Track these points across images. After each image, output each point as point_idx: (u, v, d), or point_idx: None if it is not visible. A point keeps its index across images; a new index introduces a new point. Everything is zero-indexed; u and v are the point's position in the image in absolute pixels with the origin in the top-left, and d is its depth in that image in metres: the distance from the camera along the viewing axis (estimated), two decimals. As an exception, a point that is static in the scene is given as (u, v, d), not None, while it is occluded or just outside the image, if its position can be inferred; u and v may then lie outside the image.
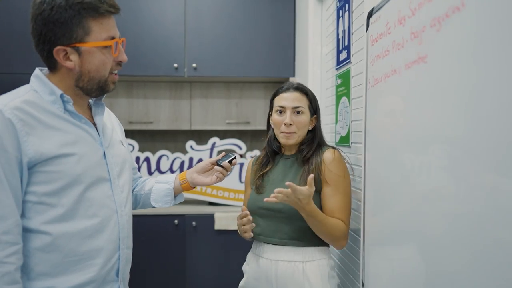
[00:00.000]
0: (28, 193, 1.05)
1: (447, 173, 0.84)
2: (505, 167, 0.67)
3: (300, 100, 1.45)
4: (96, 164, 1.14)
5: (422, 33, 0.89)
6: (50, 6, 1.05)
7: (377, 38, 1.17)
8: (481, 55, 0.72)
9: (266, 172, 1.50)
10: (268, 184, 1.47)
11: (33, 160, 1.03)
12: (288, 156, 1.51)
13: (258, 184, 1.48)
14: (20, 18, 2.57)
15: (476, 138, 0.74)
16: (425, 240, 0.94)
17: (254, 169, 1.56)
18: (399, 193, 1.09)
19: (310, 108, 1.47)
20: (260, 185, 1.48)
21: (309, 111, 1.47)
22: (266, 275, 1.39)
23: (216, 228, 2.63)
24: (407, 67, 0.97)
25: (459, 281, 0.81)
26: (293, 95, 1.46)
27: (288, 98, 1.46)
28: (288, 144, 1.47)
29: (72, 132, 1.11)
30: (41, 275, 1.06)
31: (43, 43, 1.08)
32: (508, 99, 0.65)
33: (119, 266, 1.18)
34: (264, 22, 2.75)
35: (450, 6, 0.79)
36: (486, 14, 0.70)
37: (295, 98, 1.45)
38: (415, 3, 0.93)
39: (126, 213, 1.22)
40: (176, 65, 2.68)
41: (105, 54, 1.11)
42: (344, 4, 1.78)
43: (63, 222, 1.07)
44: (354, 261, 1.54)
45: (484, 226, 0.73)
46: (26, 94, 1.10)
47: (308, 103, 1.47)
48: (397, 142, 1.09)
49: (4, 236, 0.99)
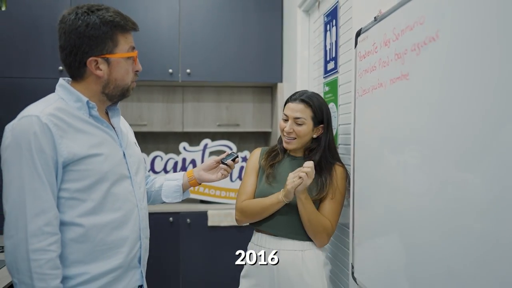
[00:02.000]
0: (61, 190, 1.17)
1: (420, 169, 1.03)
2: (467, 164, 0.86)
3: (302, 111, 1.60)
4: (118, 163, 1.28)
5: (405, 55, 1.09)
6: (85, 23, 1.19)
7: (365, 55, 1.36)
8: (450, 77, 0.91)
9: (274, 164, 1.66)
10: (276, 180, 1.62)
11: (67, 160, 1.16)
12: (295, 157, 1.68)
13: (269, 173, 1.63)
14: (19, 25, 2.65)
15: (445, 140, 0.93)
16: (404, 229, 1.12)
17: (265, 157, 1.70)
18: (381, 188, 1.27)
19: (313, 119, 1.61)
20: (270, 174, 1.63)
21: (312, 121, 1.61)
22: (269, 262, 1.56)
23: (209, 225, 2.79)
24: (392, 82, 1.16)
25: (432, 263, 0.99)
26: (297, 106, 1.61)
27: (292, 108, 1.62)
28: (288, 149, 1.65)
29: (97, 134, 1.25)
30: (75, 262, 1.19)
31: (76, 54, 1.21)
32: (469, 110, 0.84)
33: (140, 253, 1.33)
34: (253, 30, 2.91)
35: (427, 36, 0.98)
36: (455, 44, 0.89)
37: (298, 110, 1.60)
38: (398, 30, 1.12)
39: (144, 206, 1.36)
40: (171, 71, 2.82)
41: (128, 64, 1.27)
42: (332, 19, 1.97)
43: (93, 215, 1.20)
44: (344, 251, 1.72)
45: (452, 215, 0.91)
46: (56, 102, 1.22)
47: (311, 114, 1.60)
48: (381, 143, 1.27)
49: (47, 227, 1.11)
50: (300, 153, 1.68)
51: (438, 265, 0.97)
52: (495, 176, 0.77)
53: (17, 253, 1.10)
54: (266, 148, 1.78)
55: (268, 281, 1.56)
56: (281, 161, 1.68)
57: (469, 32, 0.84)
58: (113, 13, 1.23)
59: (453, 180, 0.91)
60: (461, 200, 0.88)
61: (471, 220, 0.85)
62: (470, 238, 0.85)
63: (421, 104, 1.03)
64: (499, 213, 0.77)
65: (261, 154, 1.75)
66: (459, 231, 0.89)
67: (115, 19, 1.22)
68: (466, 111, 0.86)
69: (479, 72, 0.82)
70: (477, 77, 0.82)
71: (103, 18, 1.21)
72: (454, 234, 0.90)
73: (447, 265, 0.93)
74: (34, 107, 1.19)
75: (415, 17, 1.04)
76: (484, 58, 0.80)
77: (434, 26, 0.95)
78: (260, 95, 3.21)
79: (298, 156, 1.67)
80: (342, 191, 1.59)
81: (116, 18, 1.23)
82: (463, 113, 0.87)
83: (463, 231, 0.88)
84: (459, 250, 0.89)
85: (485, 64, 0.80)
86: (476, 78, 0.82)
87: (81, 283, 1.19)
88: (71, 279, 1.18)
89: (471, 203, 0.85)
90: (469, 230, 0.86)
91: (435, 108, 0.97)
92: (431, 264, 1.00)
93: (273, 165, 1.67)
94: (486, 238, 0.80)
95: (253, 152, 1.78)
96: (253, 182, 1.69)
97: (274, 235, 1.59)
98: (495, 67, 0.78)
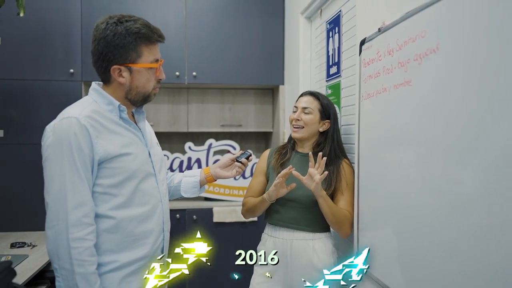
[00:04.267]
0: (96, 185, 1.27)
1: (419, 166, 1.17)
2: (460, 162, 0.99)
3: (310, 102, 1.76)
4: (145, 161, 1.38)
5: (407, 64, 1.22)
6: (113, 32, 1.29)
7: (369, 62, 1.49)
8: (448, 84, 1.04)
9: (284, 162, 1.79)
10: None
11: (102, 158, 1.26)
12: (303, 154, 1.80)
13: (279, 171, 1.74)
14: (33, 29, 2.75)
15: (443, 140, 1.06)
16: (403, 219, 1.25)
17: (275, 156, 1.83)
18: (384, 183, 1.39)
19: (321, 112, 1.75)
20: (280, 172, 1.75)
21: (319, 113, 1.75)
22: (282, 250, 1.69)
23: (214, 221, 2.91)
24: (395, 88, 1.29)
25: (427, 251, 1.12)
26: (306, 98, 1.78)
27: (301, 100, 1.79)
28: (296, 138, 1.78)
29: (127, 135, 1.35)
30: (107, 251, 1.29)
31: (102, 61, 1.31)
32: (465, 114, 0.97)
33: (163, 245, 1.44)
34: (256, 35, 3.04)
35: (428, 47, 1.11)
36: (454, 56, 1.02)
37: (306, 101, 1.77)
38: (401, 41, 1.26)
39: (167, 202, 1.48)
40: (177, 73, 2.93)
41: (150, 73, 1.35)
42: (334, 27, 2.10)
43: (123, 208, 1.31)
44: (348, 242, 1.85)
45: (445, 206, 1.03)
46: (91, 104, 1.32)
47: (319, 106, 1.76)
48: (383, 143, 1.40)
49: (85, 218, 1.22)
50: (308, 149, 1.79)
51: (436, 250, 1.10)
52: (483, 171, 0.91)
53: (58, 241, 1.20)
54: (275, 148, 1.91)
55: (281, 267, 1.69)
56: (290, 158, 1.81)
57: (466, 46, 0.98)
58: (140, 24, 1.31)
59: (450, 176, 1.04)
60: (453, 192, 1.01)
61: (462, 211, 0.98)
62: (461, 225, 0.98)
63: (422, 107, 1.16)
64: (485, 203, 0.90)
65: (269, 155, 1.88)
66: (452, 221, 1.02)
67: (141, 31, 1.29)
68: (462, 115, 0.99)
69: (473, 81, 0.95)
70: (472, 85, 0.96)
71: (129, 29, 1.29)
72: (448, 223, 1.03)
73: (443, 249, 1.06)
74: (72, 109, 1.29)
75: (417, 30, 1.17)
76: (478, 69, 0.94)
77: (435, 40, 1.09)
78: (262, 97, 3.34)
79: (306, 153, 1.78)
80: (352, 183, 1.70)
81: (142, 29, 1.30)
82: (460, 116, 1.00)
83: (455, 220, 1.00)
84: (456, 239, 1.01)
85: (479, 74, 0.93)
86: (471, 86, 0.96)
87: (112, 270, 1.30)
88: (103, 266, 1.28)
89: (461, 195, 0.98)
90: (461, 219, 0.99)
91: (435, 111, 1.10)
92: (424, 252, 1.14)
93: (283, 163, 1.79)
94: (475, 225, 0.94)
95: (263, 154, 1.93)
96: (258, 182, 1.84)
97: (289, 228, 1.71)
98: (486, 77, 0.91)
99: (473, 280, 0.95)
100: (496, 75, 0.88)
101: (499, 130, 0.88)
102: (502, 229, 0.87)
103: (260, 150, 3.46)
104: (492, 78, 0.89)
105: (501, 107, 0.87)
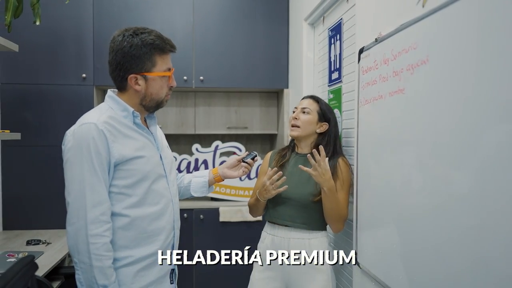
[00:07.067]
0: (111, 186, 1.37)
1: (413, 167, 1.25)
2: (450, 163, 1.08)
3: (310, 104, 1.87)
4: (157, 164, 1.48)
5: (401, 73, 1.31)
6: (129, 44, 1.38)
7: (367, 70, 1.58)
8: (438, 92, 1.13)
9: (284, 163, 1.88)
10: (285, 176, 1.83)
11: (118, 160, 1.36)
12: (302, 155, 1.89)
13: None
14: (47, 36, 2.87)
15: (433, 143, 1.14)
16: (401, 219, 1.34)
17: (276, 158, 1.93)
18: (381, 183, 1.47)
19: (319, 113, 1.85)
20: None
21: (318, 115, 1.85)
22: (280, 248, 1.78)
23: (220, 220, 3.01)
24: (391, 95, 1.38)
25: (424, 250, 1.20)
26: (306, 100, 1.89)
27: (302, 102, 1.90)
28: (292, 136, 1.87)
29: (140, 139, 1.45)
30: (122, 247, 1.39)
31: (120, 70, 1.41)
32: (453, 119, 1.06)
33: (174, 242, 1.54)
34: (261, 40, 3.14)
35: (419, 59, 1.20)
36: (442, 67, 1.11)
37: (306, 102, 1.88)
38: (395, 51, 1.35)
39: (177, 201, 1.57)
40: (185, 78, 3.04)
41: (163, 81, 1.45)
42: (336, 34, 2.18)
43: (137, 207, 1.40)
44: (348, 241, 1.94)
45: (441, 205, 1.11)
46: (107, 111, 1.42)
47: (317, 108, 1.86)
48: (380, 145, 1.48)
49: (102, 216, 1.32)
50: (307, 150, 1.87)
51: (431, 250, 1.17)
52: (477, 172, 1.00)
53: (78, 237, 1.30)
54: (276, 151, 2.00)
55: (279, 264, 1.77)
56: (289, 159, 1.90)
57: (453, 59, 1.06)
58: (154, 36, 1.41)
59: (441, 176, 1.12)
60: (447, 192, 1.09)
61: (458, 210, 1.05)
62: (458, 226, 1.05)
63: (415, 113, 1.24)
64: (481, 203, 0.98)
65: (270, 157, 1.98)
66: (449, 221, 1.08)
67: (155, 42, 1.40)
68: (450, 120, 1.08)
69: (459, 90, 1.04)
70: (458, 94, 1.04)
71: (145, 41, 1.39)
72: (445, 223, 1.09)
73: (442, 249, 1.12)
74: (90, 115, 1.39)
75: (409, 42, 1.26)
76: (463, 80, 1.02)
77: (425, 52, 1.17)
78: (267, 100, 3.44)
79: (305, 153, 1.87)
80: (348, 181, 1.78)
81: (156, 41, 1.40)
82: (448, 121, 1.09)
83: (452, 221, 1.07)
84: (448, 237, 1.08)
85: (464, 84, 1.02)
86: (458, 95, 1.05)
87: (126, 264, 1.39)
88: (118, 260, 1.38)
89: (455, 195, 1.06)
90: (457, 220, 1.06)
91: (426, 116, 1.18)
92: (420, 251, 1.21)
93: (282, 164, 1.88)
94: (470, 225, 1.02)
95: (265, 156, 2.03)
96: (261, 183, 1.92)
97: (287, 226, 1.80)
98: (471, 87, 1.00)
99: (473, 279, 0.99)
100: (480, 84, 0.96)
101: (484, 135, 0.96)
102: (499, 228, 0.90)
103: (265, 152, 3.55)
104: (476, 88, 0.98)
105: (484, 113, 0.95)
